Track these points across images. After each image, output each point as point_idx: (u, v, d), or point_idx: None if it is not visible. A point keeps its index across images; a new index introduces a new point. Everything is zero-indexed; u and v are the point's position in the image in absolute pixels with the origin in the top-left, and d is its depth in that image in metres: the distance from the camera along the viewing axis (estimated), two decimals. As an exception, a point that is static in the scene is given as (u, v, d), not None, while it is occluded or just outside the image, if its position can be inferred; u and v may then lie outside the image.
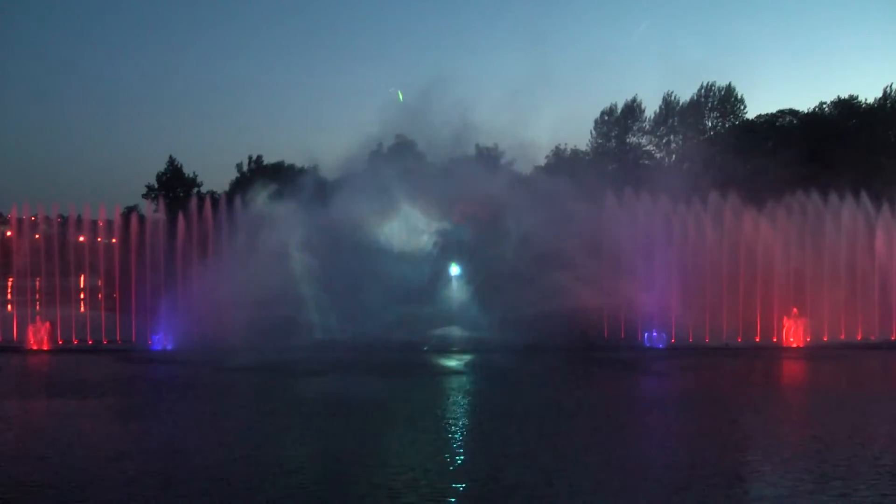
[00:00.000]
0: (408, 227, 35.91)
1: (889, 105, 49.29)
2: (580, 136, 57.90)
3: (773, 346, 32.74)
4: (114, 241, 35.08)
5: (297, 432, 17.59)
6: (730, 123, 52.79)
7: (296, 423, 18.63)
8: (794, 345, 32.66)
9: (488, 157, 44.71)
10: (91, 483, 13.62)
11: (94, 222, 35.93)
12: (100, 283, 37.96)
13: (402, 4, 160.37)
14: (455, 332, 33.71)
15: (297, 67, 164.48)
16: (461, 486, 13.35)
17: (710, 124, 53.50)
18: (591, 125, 55.32)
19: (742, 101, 53.28)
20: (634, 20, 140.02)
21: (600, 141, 54.83)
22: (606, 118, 54.94)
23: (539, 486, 13.16)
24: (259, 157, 56.17)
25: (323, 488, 13.30)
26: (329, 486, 13.50)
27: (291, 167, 51.37)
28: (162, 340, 32.18)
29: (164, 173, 54.61)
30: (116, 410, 20.22)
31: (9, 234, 35.32)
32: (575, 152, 53.78)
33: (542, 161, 51.67)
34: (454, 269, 35.85)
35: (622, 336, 33.42)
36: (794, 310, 32.99)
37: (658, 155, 53.88)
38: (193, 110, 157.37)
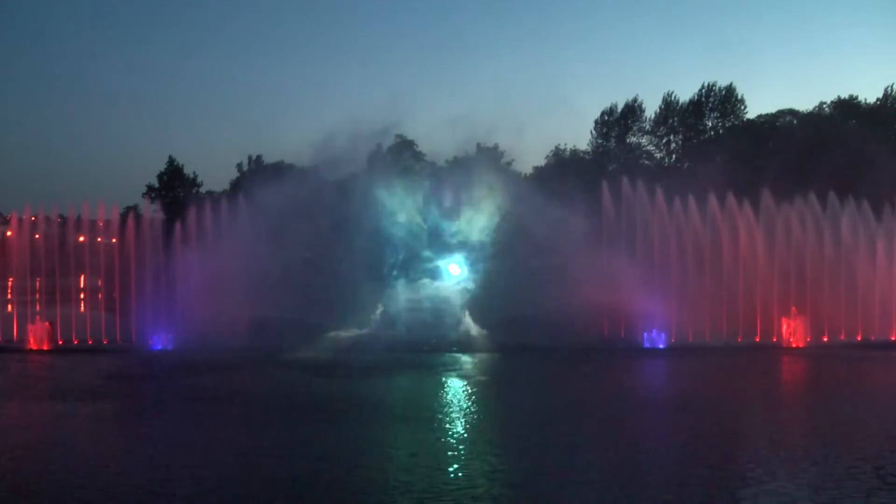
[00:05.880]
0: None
1: (889, 105, 49.27)
2: (580, 136, 58.03)
3: (773, 346, 32.70)
4: (114, 241, 35.05)
5: (299, 436, 17.56)
6: (730, 123, 52.76)
7: (297, 426, 18.59)
8: (795, 345, 32.62)
9: (489, 157, 44.66)
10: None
11: (94, 222, 35.92)
12: (100, 283, 37.93)
13: (403, 4, 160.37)
14: (454, 332, 33.73)
15: (298, 67, 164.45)
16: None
17: (710, 124, 53.49)
18: (592, 125, 55.43)
19: (742, 101, 53.31)
20: (635, 20, 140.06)
21: (600, 141, 54.82)
22: (607, 118, 54.92)
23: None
24: (259, 157, 56.11)
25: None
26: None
27: (291, 167, 51.28)
28: (162, 340, 32.14)
29: (164, 173, 54.58)
30: (114, 414, 20.16)
31: (9, 234, 35.27)
32: (574, 152, 53.85)
33: (541, 161, 51.77)
34: (454, 269, 35.75)
35: (622, 336, 33.38)
36: (794, 309, 32.95)
37: (658, 155, 53.90)
38: (193, 110, 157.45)
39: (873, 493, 12.85)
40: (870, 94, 62.88)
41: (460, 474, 14.39)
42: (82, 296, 39.21)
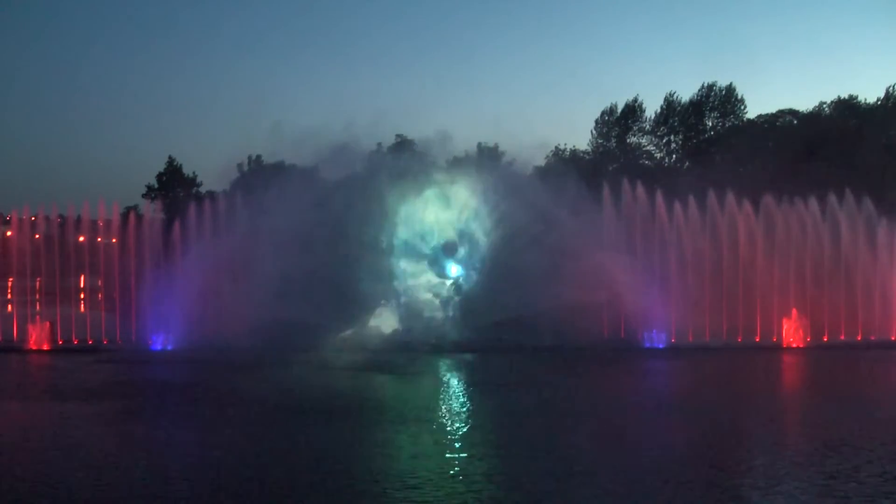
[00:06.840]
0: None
1: (890, 105, 49.21)
2: (580, 136, 58.06)
3: (773, 346, 32.66)
4: (114, 241, 35.05)
5: (298, 437, 17.51)
6: (730, 123, 52.72)
7: (294, 426, 18.53)
8: (794, 345, 32.59)
9: (489, 157, 44.68)
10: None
11: (94, 222, 35.91)
12: (100, 283, 37.92)
13: (404, 6, 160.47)
14: (455, 332, 33.74)
15: (298, 67, 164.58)
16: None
17: (710, 124, 53.44)
18: (592, 125, 55.40)
19: (742, 101, 53.25)
20: (635, 20, 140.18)
21: (600, 141, 54.77)
22: (607, 118, 54.88)
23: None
24: (259, 157, 56.04)
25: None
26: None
27: (292, 167, 51.22)
28: (162, 340, 32.11)
29: (164, 173, 54.53)
30: (115, 414, 20.07)
31: (9, 234, 35.28)
32: (574, 152, 53.80)
33: (541, 161, 51.67)
34: (453, 269, 35.72)
35: (622, 336, 33.35)
36: (794, 310, 32.93)
37: (658, 155, 53.84)
38: (193, 110, 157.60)
39: (876, 494, 12.83)
40: (870, 94, 63.00)
41: (462, 476, 14.39)
42: (82, 296, 39.21)
